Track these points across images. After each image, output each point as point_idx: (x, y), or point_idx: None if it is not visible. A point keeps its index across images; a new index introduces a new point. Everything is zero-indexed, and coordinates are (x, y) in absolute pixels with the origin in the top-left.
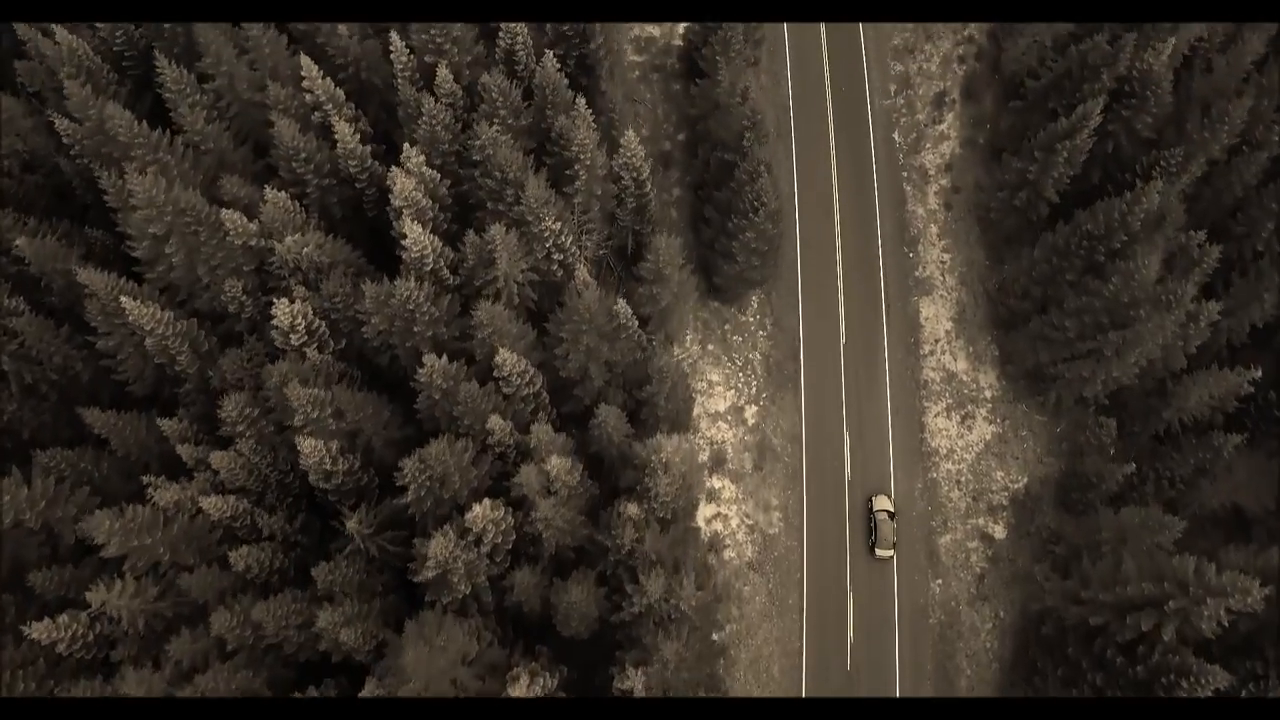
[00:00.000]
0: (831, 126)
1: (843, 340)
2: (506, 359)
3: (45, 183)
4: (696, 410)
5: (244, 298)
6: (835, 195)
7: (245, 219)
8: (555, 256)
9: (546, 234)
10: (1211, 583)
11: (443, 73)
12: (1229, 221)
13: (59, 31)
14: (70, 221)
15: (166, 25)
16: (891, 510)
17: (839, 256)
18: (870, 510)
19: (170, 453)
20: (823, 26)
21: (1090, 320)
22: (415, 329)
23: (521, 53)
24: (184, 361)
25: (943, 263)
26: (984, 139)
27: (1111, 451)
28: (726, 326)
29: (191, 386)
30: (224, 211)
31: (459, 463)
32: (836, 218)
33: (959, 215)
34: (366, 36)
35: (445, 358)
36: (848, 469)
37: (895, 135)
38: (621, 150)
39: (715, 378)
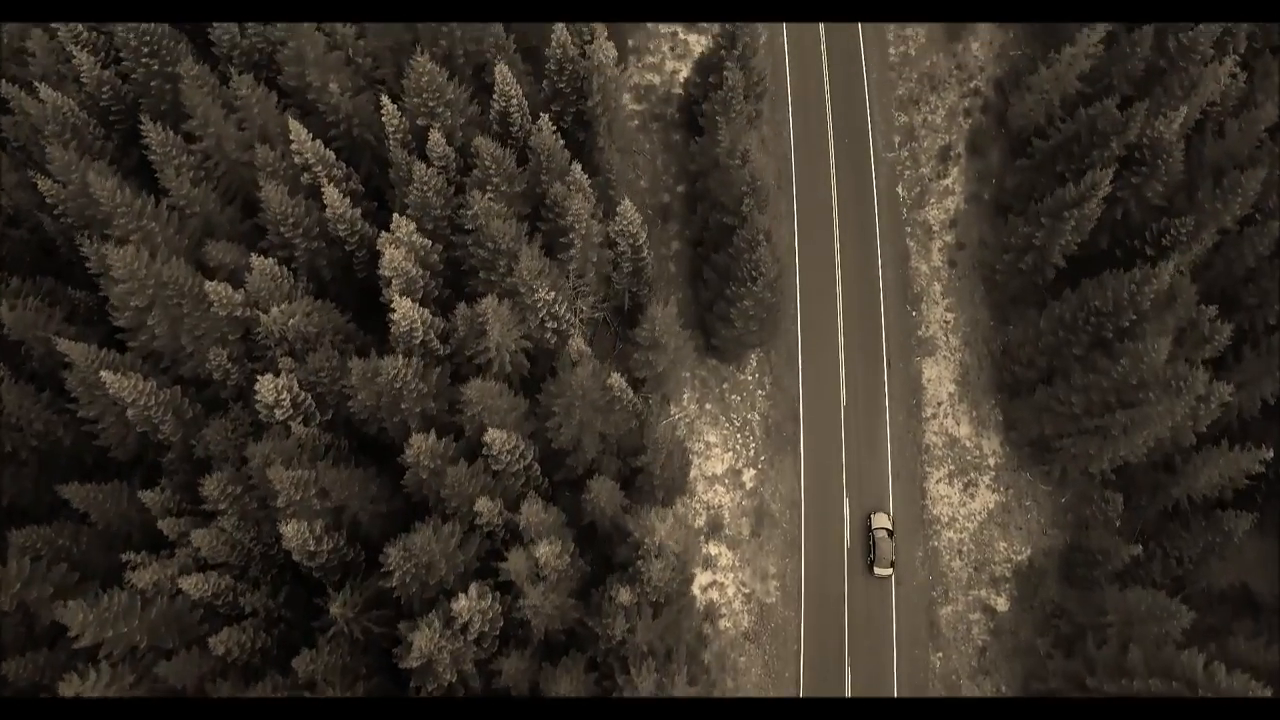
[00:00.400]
0: (834, 179)
1: (843, 401)
2: (496, 438)
3: (30, 238)
4: (693, 473)
5: (229, 365)
6: (837, 249)
7: (230, 289)
8: (549, 324)
9: (540, 304)
10: (1221, 684)
11: (435, 136)
12: (1241, 290)
13: (43, 89)
14: (55, 279)
15: (153, 83)
16: (890, 528)
17: (840, 314)
18: (869, 528)
19: (153, 522)
20: (825, 74)
21: (1097, 398)
22: (403, 405)
23: (516, 115)
24: (167, 430)
25: (946, 322)
26: (989, 195)
27: (1117, 524)
28: (725, 385)
29: (175, 455)
30: (208, 284)
31: (445, 549)
32: (838, 273)
33: (963, 273)
34: (360, 90)
35: (434, 433)
36: (847, 536)
37: (899, 189)
38: (618, 217)
39: (713, 439)
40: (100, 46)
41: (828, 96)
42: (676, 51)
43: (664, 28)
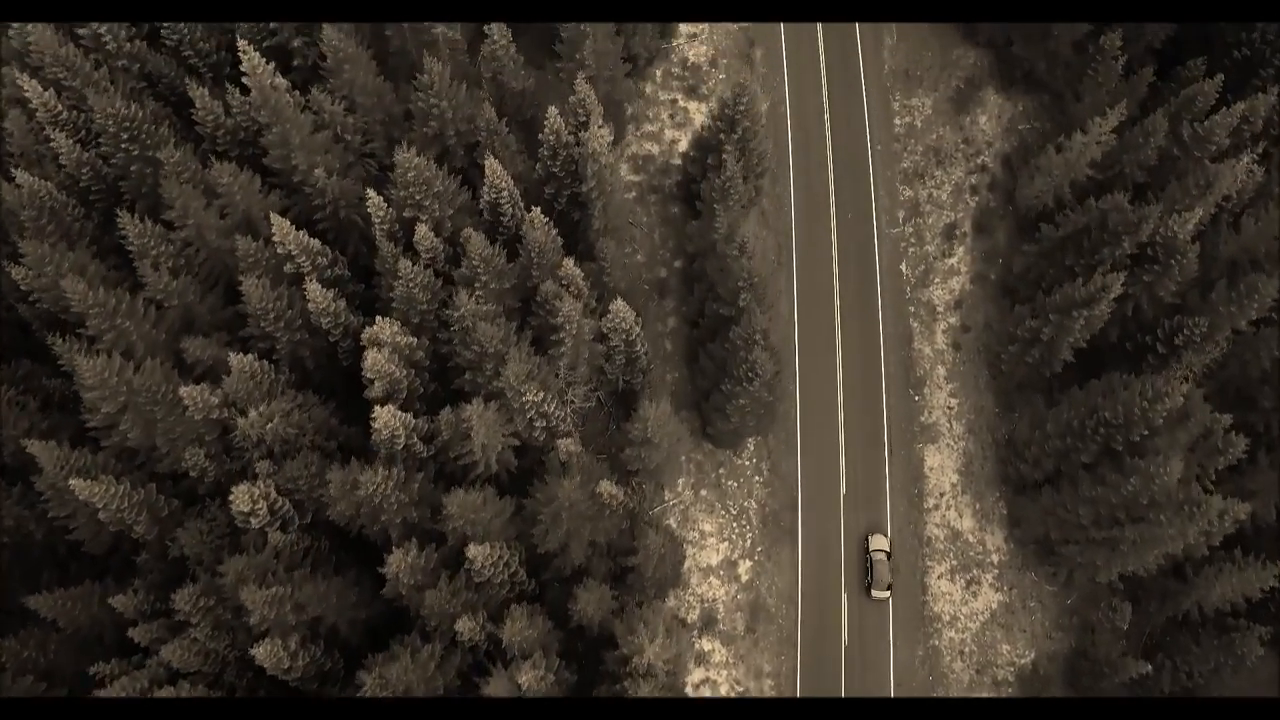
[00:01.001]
0: (835, 255)
1: (843, 490)
2: (478, 554)
3: (7, 316)
4: (688, 563)
5: (206, 464)
6: (838, 329)
7: (207, 393)
8: (538, 423)
9: (528, 406)
10: None
11: (421, 230)
12: (1256, 392)
13: (19, 174)
14: (31, 361)
15: (133, 168)
16: (888, 550)
17: (840, 398)
18: (866, 550)
19: (125, 624)
20: (829, 145)
21: (1105, 512)
22: (383, 516)
23: (507, 205)
24: (141, 530)
25: (950, 408)
26: (996, 275)
27: (1125, 628)
28: (721, 470)
29: (150, 555)
30: (183, 389)
31: (424, 674)
32: (838, 354)
33: (968, 356)
34: (349, 166)
35: (415, 542)
36: (844, 635)
37: (903, 266)
38: (611, 315)
39: (708, 527)
40: (80, 125)
41: (830, 169)
42: (676, 120)
43: (664, 94)
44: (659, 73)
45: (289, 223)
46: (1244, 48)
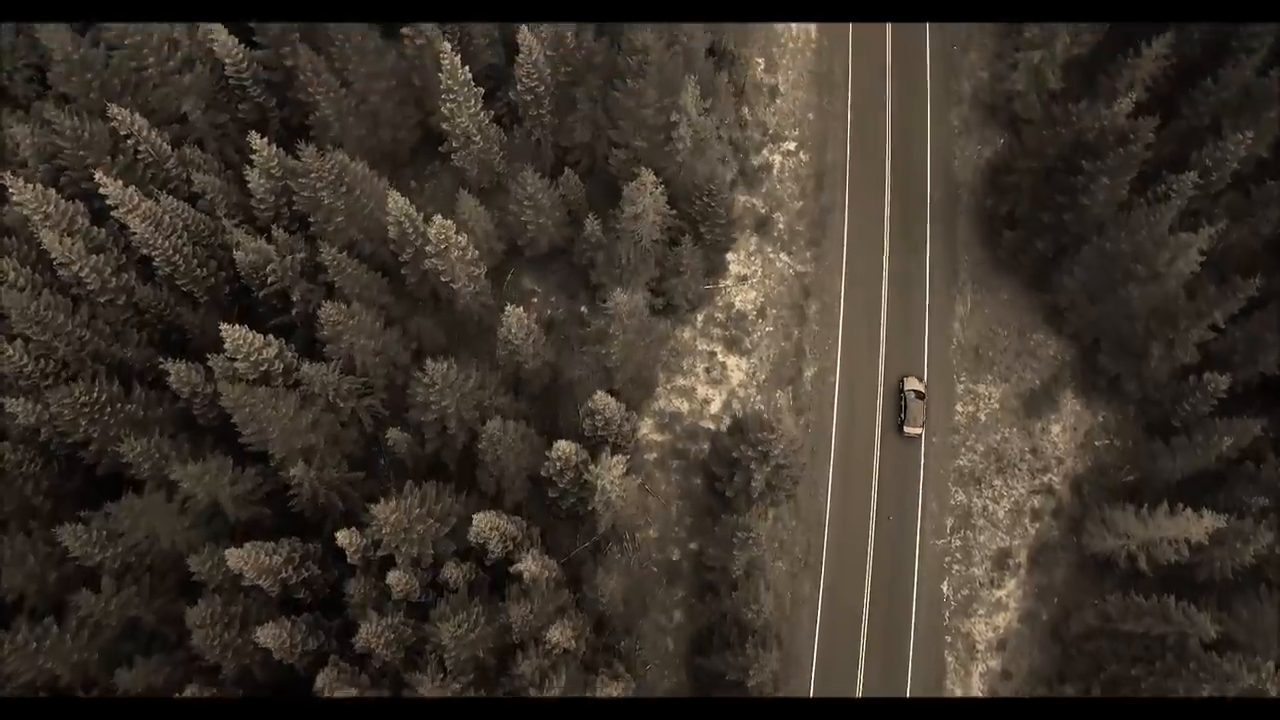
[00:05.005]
0: (870, 560)
1: None
2: None
3: None
4: None
5: None
6: (862, 654)
7: None
8: None
9: None
10: None
11: (395, 575)
12: None
13: None
14: None
15: (92, 446)
16: (921, 390)
17: None
18: (900, 389)
19: None
20: (878, 432)
21: None
22: None
23: (496, 544)
24: None
25: None
26: (1049, 616)
27: None
28: None
29: None
30: None
31: None
32: (859, 689)
33: None
34: (339, 432)
35: None
36: None
37: (944, 586)
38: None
39: None
40: (44, 372)
41: (877, 456)
42: (712, 374)
43: (702, 343)
44: (700, 317)
45: (248, 550)
46: None
